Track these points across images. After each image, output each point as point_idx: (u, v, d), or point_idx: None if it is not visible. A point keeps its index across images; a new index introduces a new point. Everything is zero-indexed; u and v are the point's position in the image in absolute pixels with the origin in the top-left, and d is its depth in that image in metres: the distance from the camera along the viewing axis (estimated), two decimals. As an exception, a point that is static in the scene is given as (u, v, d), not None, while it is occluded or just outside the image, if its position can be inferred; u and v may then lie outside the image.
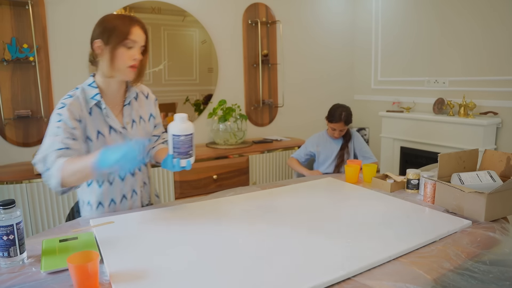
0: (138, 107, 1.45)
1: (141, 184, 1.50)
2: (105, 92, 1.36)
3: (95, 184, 1.40)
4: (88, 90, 1.33)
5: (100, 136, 1.33)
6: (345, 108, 2.45)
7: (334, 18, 4.21)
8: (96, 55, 1.31)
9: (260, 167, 3.25)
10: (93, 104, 1.32)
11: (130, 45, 1.27)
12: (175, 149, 1.25)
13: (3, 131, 2.63)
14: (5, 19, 2.55)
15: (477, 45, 3.20)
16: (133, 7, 3.02)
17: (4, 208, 0.99)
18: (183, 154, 1.25)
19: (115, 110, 1.39)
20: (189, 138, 1.25)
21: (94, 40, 1.29)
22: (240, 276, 0.93)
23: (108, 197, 1.42)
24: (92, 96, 1.32)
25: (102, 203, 1.42)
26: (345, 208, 1.45)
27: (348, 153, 2.48)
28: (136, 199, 1.48)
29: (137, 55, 1.29)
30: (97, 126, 1.33)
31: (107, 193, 1.41)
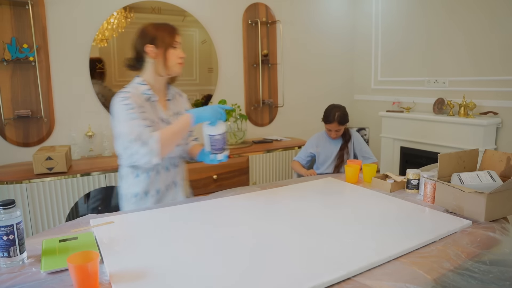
0: (176, 103, 1.65)
1: (181, 177, 1.67)
2: (154, 88, 1.55)
3: (142, 175, 1.54)
4: (139, 87, 1.51)
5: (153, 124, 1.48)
6: (339, 108, 2.44)
7: (334, 18, 4.22)
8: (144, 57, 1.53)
9: (260, 167, 3.25)
10: (146, 98, 1.50)
11: (175, 46, 1.52)
12: (212, 146, 1.44)
13: (3, 131, 2.63)
14: (5, 19, 2.55)
15: (477, 45, 3.20)
16: (133, 7, 3.02)
17: (4, 208, 0.99)
18: (219, 150, 1.45)
19: (161, 104, 1.58)
20: (223, 136, 1.45)
21: (145, 45, 1.50)
22: (240, 276, 0.93)
23: (154, 187, 1.57)
24: (144, 91, 1.51)
25: (148, 192, 1.56)
26: (345, 208, 1.45)
27: (348, 153, 2.48)
28: (178, 191, 1.65)
29: (182, 54, 1.54)
30: (150, 116, 1.49)
31: (154, 182, 1.56)
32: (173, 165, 1.62)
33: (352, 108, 4.46)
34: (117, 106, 1.43)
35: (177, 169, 1.65)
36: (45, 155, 2.33)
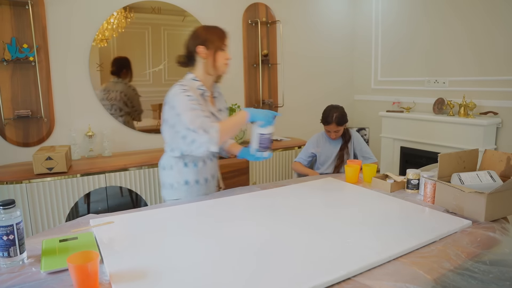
0: (220, 100, 1.80)
1: (217, 169, 1.82)
2: (205, 85, 1.69)
3: (190, 164, 1.68)
4: (194, 82, 1.65)
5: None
6: (337, 109, 2.43)
7: (334, 18, 4.21)
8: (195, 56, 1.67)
9: (260, 167, 3.25)
10: (200, 93, 1.63)
11: (223, 49, 1.68)
12: (260, 144, 1.57)
13: (3, 131, 2.63)
14: (5, 19, 2.55)
15: (477, 45, 3.20)
16: (133, 7, 3.02)
17: (4, 208, 0.99)
18: (265, 148, 1.58)
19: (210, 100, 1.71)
20: (271, 136, 1.58)
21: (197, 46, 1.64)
22: (240, 276, 0.93)
23: (202, 175, 1.71)
24: (198, 86, 1.64)
25: (198, 180, 1.70)
26: (345, 208, 1.45)
27: (348, 154, 2.48)
28: (215, 182, 1.81)
29: (228, 56, 1.70)
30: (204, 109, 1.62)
31: (202, 171, 1.71)
32: (214, 157, 1.80)
33: (352, 108, 4.46)
34: (178, 97, 1.54)
35: (214, 162, 1.80)
36: (45, 155, 2.33)
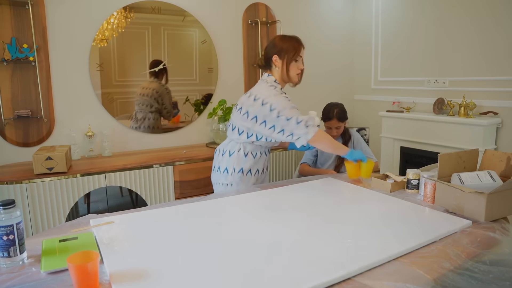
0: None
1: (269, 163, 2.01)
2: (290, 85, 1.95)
3: (250, 155, 1.87)
4: (278, 85, 1.85)
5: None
6: (337, 105, 2.47)
7: (334, 18, 4.21)
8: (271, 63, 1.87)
9: (260, 167, 3.24)
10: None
11: (297, 59, 1.83)
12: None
13: (3, 131, 2.63)
14: (5, 19, 2.55)
15: (477, 45, 3.20)
16: (133, 7, 3.02)
17: (4, 208, 0.99)
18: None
19: None
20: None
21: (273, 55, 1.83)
22: (240, 276, 0.93)
23: (256, 166, 1.90)
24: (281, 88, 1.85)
25: (252, 170, 1.88)
26: (345, 208, 1.45)
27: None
28: (267, 175, 2.00)
29: (302, 66, 1.86)
30: None
31: (258, 162, 1.90)
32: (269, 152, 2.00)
33: (352, 108, 4.46)
34: (275, 95, 1.76)
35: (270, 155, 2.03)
36: (45, 155, 2.33)
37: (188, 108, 3.38)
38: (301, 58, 1.85)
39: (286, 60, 1.82)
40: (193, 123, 3.42)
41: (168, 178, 2.83)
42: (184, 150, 3.11)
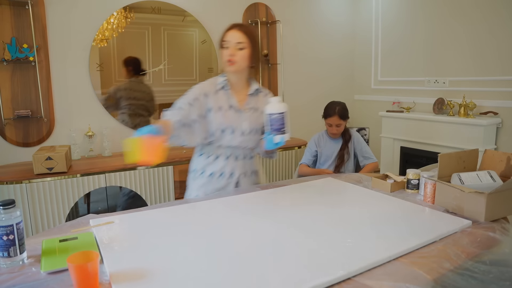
0: (257, 100, 1.74)
1: (240, 171, 1.72)
2: (230, 82, 1.69)
3: (204, 156, 1.72)
4: (219, 78, 1.70)
5: (219, 110, 1.64)
6: (339, 103, 2.48)
7: (334, 18, 4.21)
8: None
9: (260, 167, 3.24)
10: (219, 87, 1.67)
11: (226, 46, 1.60)
12: (271, 126, 1.48)
13: (3, 131, 2.63)
14: (5, 19, 2.55)
15: (477, 45, 3.20)
16: (133, 7, 3.02)
17: (4, 208, 0.99)
18: (277, 130, 1.47)
19: (239, 97, 1.70)
20: (281, 116, 1.46)
21: None
22: (240, 276, 0.93)
23: (210, 169, 1.71)
24: (220, 81, 1.68)
25: (204, 171, 1.71)
26: (345, 208, 1.45)
27: (348, 153, 2.48)
28: (231, 181, 1.71)
29: (230, 52, 1.59)
30: (220, 102, 1.65)
31: (210, 165, 1.71)
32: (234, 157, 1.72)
33: (352, 108, 4.46)
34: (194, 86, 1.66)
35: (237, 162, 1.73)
36: (45, 155, 2.33)
37: (188, 108, 3.38)
38: (233, 44, 1.58)
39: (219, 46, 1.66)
40: (193, 123, 3.42)
41: (168, 178, 2.83)
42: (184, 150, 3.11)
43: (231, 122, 1.66)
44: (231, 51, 1.59)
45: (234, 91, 1.70)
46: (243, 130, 1.68)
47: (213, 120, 1.64)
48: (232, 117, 1.67)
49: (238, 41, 1.58)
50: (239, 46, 1.59)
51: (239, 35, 1.59)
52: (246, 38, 1.59)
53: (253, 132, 1.71)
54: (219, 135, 1.66)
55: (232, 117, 1.67)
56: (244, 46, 1.59)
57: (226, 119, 1.65)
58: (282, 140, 1.49)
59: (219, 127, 1.65)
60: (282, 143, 1.51)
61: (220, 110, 1.65)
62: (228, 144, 1.68)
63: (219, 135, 1.66)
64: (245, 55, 1.61)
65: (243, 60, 1.61)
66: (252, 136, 1.72)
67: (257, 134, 1.74)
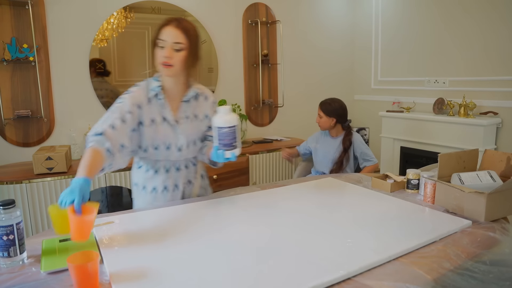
0: (196, 106, 1.54)
1: (184, 181, 1.57)
2: (165, 87, 1.48)
3: (142, 170, 1.55)
4: (152, 82, 1.47)
5: (152, 124, 1.45)
6: (332, 99, 2.57)
7: (334, 18, 4.21)
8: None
9: (260, 167, 3.25)
10: (152, 95, 1.45)
11: (161, 45, 1.37)
12: (219, 141, 1.30)
13: (3, 131, 2.63)
14: (5, 19, 2.55)
15: (477, 45, 3.20)
16: (133, 7, 3.02)
17: (4, 208, 0.99)
18: (227, 146, 1.30)
19: (173, 104, 1.49)
20: (232, 130, 1.29)
21: None
22: (240, 276, 0.93)
23: (151, 184, 1.54)
24: (153, 87, 1.46)
25: (146, 187, 1.54)
26: (345, 208, 1.45)
27: (348, 159, 2.48)
28: (177, 193, 1.56)
29: (166, 53, 1.36)
30: (152, 114, 1.45)
31: (151, 180, 1.53)
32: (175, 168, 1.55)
33: (352, 108, 4.46)
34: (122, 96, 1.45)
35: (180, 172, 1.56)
36: (45, 155, 2.33)
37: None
38: (170, 44, 1.35)
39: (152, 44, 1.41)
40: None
41: (168, 178, 2.83)
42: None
43: (164, 138, 1.46)
44: (167, 52, 1.36)
45: (169, 99, 1.48)
46: (179, 145, 1.49)
47: (145, 135, 1.44)
48: (165, 132, 1.46)
49: (176, 41, 1.36)
50: (177, 46, 1.36)
51: (177, 34, 1.36)
52: (185, 38, 1.37)
53: (191, 144, 1.53)
54: (152, 151, 1.47)
55: (166, 132, 1.46)
56: (182, 47, 1.37)
57: (158, 135, 1.45)
58: (233, 156, 1.32)
59: (151, 144, 1.46)
60: (233, 158, 1.33)
61: (152, 124, 1.44)
62: (165, 159, 1.51)
63: (152, 151, 1.47)
64: (184, 57, 1.39)
65: (181, 62, 1.39)
66: (191, 148, 1.54)
67: (197, 144, 1.56)
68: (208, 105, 1.57)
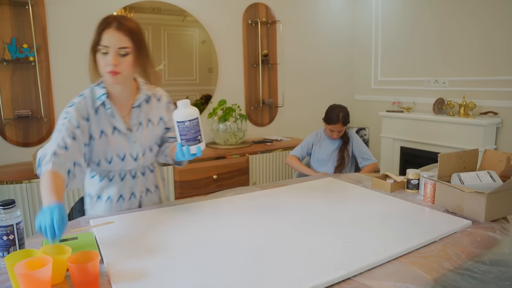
0: (148, 109, 1.44)
1: (142, 190, 1.48)
2: (111, 94, 1.37)
3: (96, 179, 1.43)
4: (97, 90, 1.36)
5: (103, 135, 1.34)
6: (342, 108, 2.41)
7: (334, 18, 4.21)
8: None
9: (260, 167, 3.25)
10: (99, 104, 1.34)
11: (103, 51, 1.24)
12: (182, 136, 1.23)
13: (3, 131, 2.63)
14: (5, 19, 2.55)
15: (477, 45, 3.20)
16: (133, 7, 3.02)
17: (4, 208, 0.99)
18: (191, 140, 1.23)
19: (123, 112, 1.39)
20: (194, 123, 1.22)
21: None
22: (240, 276, 0.93)
23: (106, 193, 1.43)
24: (99, 96, 1.34)
25: (101, 196, 1.44)
26: (345, 208, 1.45)
27: (348, 156, 2.47)
28: (134, 202, 1.47)
29: (111, 61, 1.23)
30: (101, 125, 1.34)
31: (106, 188, 1.43)
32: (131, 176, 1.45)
33: (352, 108, 4.46)
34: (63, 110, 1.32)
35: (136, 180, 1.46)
36: (45, 155, 2.33)
37: (188, 108, 3.37)
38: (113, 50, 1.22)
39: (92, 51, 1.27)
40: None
41: (168, 178, 2.83)
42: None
43: (117, 149, 1.36)
44: (113, 59, 1.22)
45: (118, 106, 1.37)
46: (135, 155, 1.39)
47: (96, 148, 1.34)
48: (118, 143, 1.36)
49: (121, 46, 1.23)
50: (123, 51, 1.24)
51: (121, 38, 1.23)
52: (130, 41, 1.25)
53: (148, 151, 1.43)
54: (105, 165, 1.37)
55: (119, 142, 1.36)
56: (128, 51, 1.25)
57: (110, 147, 1.35)
58: (199, 151, 1.24)
59: (104, 157, 1.36)
60: (199, 154, 1.25)
61: (103, 136, 1.34)
62: (120, 169, 1.41)
63: (105, 165, 1.37)
64: (132, 62, 1.27)
65: (130, 68, 1.28)
66: (148, 155, 1.44)
67: (154, 150, 1.47)
68: (162, 106, 1.47)
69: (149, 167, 1.50)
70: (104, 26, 1.23)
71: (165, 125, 1.49)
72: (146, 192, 1.50)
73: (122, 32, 1.23)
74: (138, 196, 1.47)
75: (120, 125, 1.36)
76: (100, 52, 1.24)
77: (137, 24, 1.29)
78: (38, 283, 0.81)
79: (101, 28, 1.23)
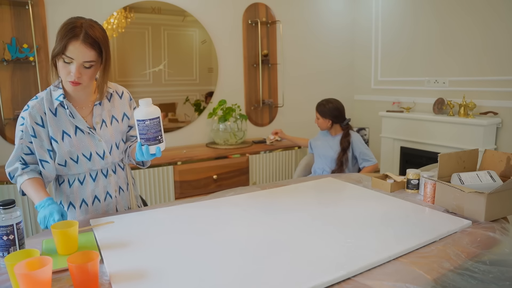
0: (111, 107, 1.42)
1: (115, 188, 1.46)
2: (70, 94, 1.34)
3: (65, 184, 1.40)
4: (54, 91, 1.32)
5: (65, 136, 1.32)
6: (327, 100, 2.58)
7: (334, 18, 4.21)
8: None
9: (260, 167, 3.25)
10: (57, 105, 1.31)
11: (67, 61, 1.21)
12: (141, 135, 1.18)
13: (3, 131, 2.63)
14: (5, 19, 2.55)
15: (477, 45, 3.20)
16: (133, 7, 3.02)
17: (4, 208, 0.99)
18: (151, 140, 1.19)
19: (85, 111, 1.37)
20: (155, 122, 1.17)
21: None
22: (240, 276, 0.93)
23: (79, 198, 1.40)
24: (57, 97, 1.31)
25: (73, 204, 1.40)
26: (345, 208, 1.45)
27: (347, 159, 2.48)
28: (110, 202, 1.45)
29: (73, 72, 1.21)
30: (62, 126, 1.32)
31: (78, 193, 1.40)
32: (103, 175, 1.43)
33: (352, 108, 4.46)
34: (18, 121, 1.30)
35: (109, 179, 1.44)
36: (45, 155, 2.33)
37: (188, 108, 3.38)
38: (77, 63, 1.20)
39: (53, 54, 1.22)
40: (193, 123, 3.42)
41: (168, 178, 2.83)
42: (184, 150, 3.12)
43: (83, 149, 1.34)
44: (77, 72, 1.21)
45: (79, 105, 1.35)
46: (101, 153, 1.38)
47: (61, 150, 1.31)
48: (82, 143, 1.34)
49: (86, 60, 1.21)
50: (87, 65, 1.22)
51: (87, 53, 1.20)
52: (96, 55, 1.23)
53: (114, 147, 1.41)
54: (73, 164, 1.35)
55: (83, 142, 1.34)
56: (93, 64, 1.23)
57: (75, 147, 1.33)
58: (158, 151, 1.21)
59: (69, 157, 1.33)
60: (159, 154, 1.21)
61: (66, 137, 1.32)
62: (88, 169, 1.39)
63: (73, 164, 1.35)
64: (95, 73, 1.27)
65: (92, 78, 1.28)
66: (115, 152, 1.42)
67: (121, 146, 1.45)
68: (124, 102, 1.46)
69: (119, 164, 1.49)
70: (70, 36, 1.18)
71: (128, 122, 1.47)
72: (119, 191, 1.48)
73: (89, 46, 1.20)
74: (113, 197, 1.45)
75: (81, 125, 1.34)
76: (63, 60, 1.21)
77: (103, 33, 1.26)
78: (38, 283, 0.81)
79: (67, 38, 1.18)
